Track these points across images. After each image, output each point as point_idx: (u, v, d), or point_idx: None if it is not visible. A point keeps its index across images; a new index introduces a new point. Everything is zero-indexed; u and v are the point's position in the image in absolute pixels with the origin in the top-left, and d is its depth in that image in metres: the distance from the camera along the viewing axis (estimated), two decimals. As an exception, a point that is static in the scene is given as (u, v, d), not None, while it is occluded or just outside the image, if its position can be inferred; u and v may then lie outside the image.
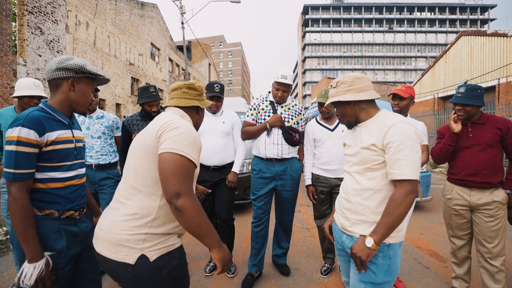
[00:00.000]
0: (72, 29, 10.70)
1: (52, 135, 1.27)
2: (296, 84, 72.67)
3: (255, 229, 2.52)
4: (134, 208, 1.10)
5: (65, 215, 1.30)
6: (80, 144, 1.44)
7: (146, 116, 2.67)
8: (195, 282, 2.51)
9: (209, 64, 33.74)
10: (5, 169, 1.21)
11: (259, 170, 2.49)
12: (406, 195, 1.18)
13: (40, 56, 9.16)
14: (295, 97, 75.72)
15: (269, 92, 2.60)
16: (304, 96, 60.24)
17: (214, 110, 2.61)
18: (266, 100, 2.56)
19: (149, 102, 2.57)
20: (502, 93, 13.73)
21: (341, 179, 2.44)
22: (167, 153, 1.07)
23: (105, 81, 1.47)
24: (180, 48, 24.40)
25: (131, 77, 15.34)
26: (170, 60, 21.72)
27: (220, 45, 71.98)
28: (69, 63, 1.31)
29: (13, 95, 2.29)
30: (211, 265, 2.72)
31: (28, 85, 2.28)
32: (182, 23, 17.06)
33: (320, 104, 2.49)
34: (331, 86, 1.42)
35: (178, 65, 23.54)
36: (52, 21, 9.71)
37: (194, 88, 1.37)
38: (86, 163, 2.56)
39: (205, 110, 2.65)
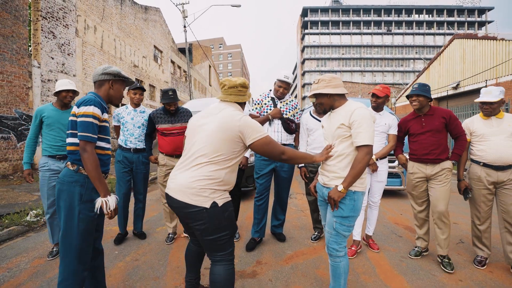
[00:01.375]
0: (82, 33, 11.27)
1: (104, 115, 1.81)
2: (296, 86, 73.28)
3: (257, 202, 3.07)
4: (209, 173, 1.61)
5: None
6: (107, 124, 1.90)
7: (167, 112, 3.19)
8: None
9: (209, 66, 34.33)
10: (83, 134, 1.67)
11: (260, 156, 3.04)
12: (365, 155, 1.72)
13: (52, 58, 9.72)
14: (294, 97, 76.21)
15: (270, 90, 3.16)
16: (303, 98, 60.81)
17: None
18: (268, 96, 3.12)
19: (168, 103, 3.09)
20: (492, 93, 14.27)
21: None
22: (260, 140, 1.68)
23: (131, 82, 2.01)
24: (181, 50, 24.97)
25: (135, 79, 15.89)
26: (172, 62, 22.28)
27: (220, 47, 72.63)
28: (111, 70, 1.86)
29: (54, 91, 2.83)
30: None
31: (64, 83, 2.83)
32: (185, 26, 17.64)
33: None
34: (314, 82, 1.95)
35: (179, 67, 24.10)
36: (63, 25, 10.27)
37: (246, 86, 1.85)
38: (127, 147, 3.20)
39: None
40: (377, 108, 2.95)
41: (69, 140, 1.76)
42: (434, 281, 2.35)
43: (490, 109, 2.52)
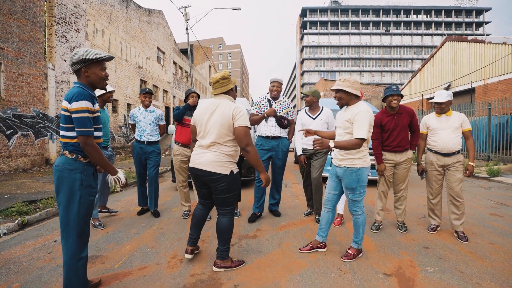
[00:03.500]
0: (91, 36, 11.95)
1: (95, 106, 1.87)
2: (295, 86, 73.90)
3: (257, 183, 3.78)
4: (225, 151, 2.32)
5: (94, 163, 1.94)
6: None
7: (189, 107, 3.93)
8: (213, 220, 3.75)
9: (210, 66, 35.03)
10: (82, 129, 1.75)
11: (260, 144, 3.76)
12: (358, 142, 2.34)
13: (65, 61, 10.40)
14: (294, 98, 77.02)
15: (268, 93, 3.86)
16: (303, 97, 61.27)
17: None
18: (265, 98, 3.82)
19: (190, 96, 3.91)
20: (480, 94, 15.00)
21: (315, 151, 3.70)
22: (240, 127, 2.26)
23: (110, 58, 1.91)
24: (182, 51, 25.65)
25: (140, 79, 16.58)
26: (174, 63, 22.96)
27: (220, 46, 73.23)
28: (77, 58, 1.80)
29: (99, 94, 3.52)
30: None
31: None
32: (187, 29, 18.31)
33: (306, 96, 3.74)
34: (340, 79, 2.51)
35: (181, 68, 24.78)
36: (74, 30, 10.95)
37: (226, 77, 2.40)
38: (141, 139, 3.94)
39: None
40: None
41: (64, 133, 1.82)
42: (393, 240, 3.06)
43: (440, 108, 3.20)
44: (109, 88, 3.53)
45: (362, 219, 2.57)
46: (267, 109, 3.76)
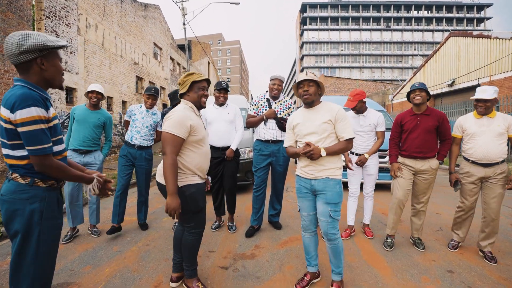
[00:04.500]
0: (83, 31, 11.48)
1: (50, 111, 1.40)
2: (295, 81, 73.20)
3: (255, 193, 3.38)
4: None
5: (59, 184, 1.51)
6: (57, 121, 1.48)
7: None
8: (206, 235, 3.37)
9: (208, 63, 34.49)
10: (34, 148, 1.32)
11: (259, 149, 3.36)
12: (349, 143, 2.08)
13: (56, 57, 9.94)
14: (293, 95, 76.45)
15: (267, 91, 3.45)
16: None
17: (222, 101, 3.44)
18: (264, 98, 3.41)
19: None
20: (486, 91, 14.58)
21: None
22: (162, 132, 2.00)
23: (62, 46, 1.43)
24: (180, 47, 25.13)
25: (136, 76, 16.11)
26: (172, 59, 22.46)
27: (219, 43, 72.51)
28: (31, 44, 1.31)
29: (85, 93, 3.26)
30: (216, 224, 3.59)
31: (92, 86, 3.25)
32: (184, 24, 17.80)
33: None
34: (307, 71, 2.21)
35: (179, 64, 24.28)
36: (65, 24, 10.48)
37: (180, 82, 2.17)
38: (132, 143, 3.42)
39: (214, 104, 3.49)
40: (358, 111, 3.25)
41: (9, 152, 1.36)
42: (410, 261, 2.68)
43: (484, 107, 2.64)
44: (93, 87, 3.16)
45: (341, 243, 2.16)
46: (266, 110, 3.36)
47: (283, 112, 3.37)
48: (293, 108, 3.52)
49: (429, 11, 61.07)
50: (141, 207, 3.59)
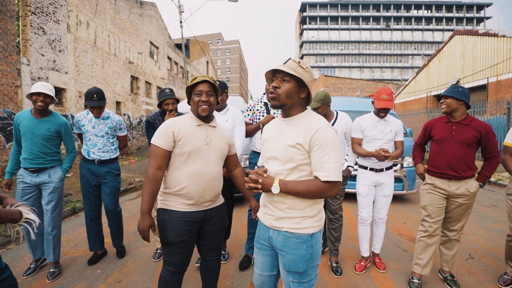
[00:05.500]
0: (73, 28, 10.92)
1: None
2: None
3: (251, 215, 2.83)
4: None
5: None
6: None
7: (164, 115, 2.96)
8: (192, 268, 2.83)
9: (207, 62, 33.92)
10: None
11: (255, 163, 2.81)
12: (329, 190, 1.27)
13: (43, 55, 9.39)
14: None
15: (264, 94, 2.90)
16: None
17: (220, 105, 2.81)
18: (261, 101, 2.86)
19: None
20: (493, 91, 14.10)
21: None
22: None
23: None
24: (178, 46, 24.58)
25: (131, 76, 15.56)
26: (169, 58, 21.91)
27: (218, 42, 71.97)
28: None
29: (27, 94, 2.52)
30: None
31: (36, 86, 2.52)
32: (181, 21, 17.28)
33: (315, 108, 2.68)
34: (292, 59, 1.37)
35: (176, 63, 23.73)
36: (54, 21, 9.93)
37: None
38: (90, 158, 2.80)
39: None
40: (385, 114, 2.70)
41: None
42: (444, 307, 2.15)
43: None
44: (38, 87, 2.51)
45: None
46: (263, 115, 2.82)
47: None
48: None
49: (429, 11, 60.76)
50: (114, 229, 3.01)
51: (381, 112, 2.61)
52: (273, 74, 1.39)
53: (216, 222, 1.86)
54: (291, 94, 1.33)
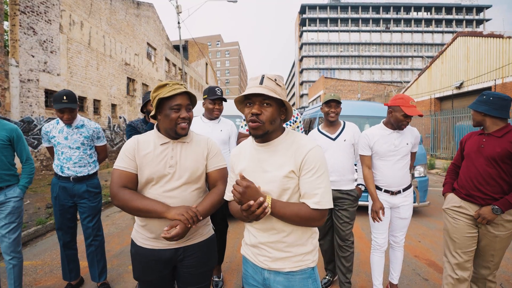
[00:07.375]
0: (66, 29, 10.55)
1: None
2: (293, 84, 72.67)
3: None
4: None
5: None
6: None
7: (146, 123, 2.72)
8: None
9: (206, 64, 33.58)
10: None
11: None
12: (319, 219, 1.12)
13: (33, 56, 9.01)
14: (292, 96, 75.69)
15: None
16: (301, 96, 60.30)
17: (216, 115, 2.54)
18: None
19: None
20: (498, 94, 13.77)
21: (341, 191, 2.40)
22: None
23: None
24: (176, 47, 24.25)
25: (127, 77, 15.18)
26: (167, 60, 21.58)
27: (217, 44, 71.79)
28: None
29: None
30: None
31: None
32: (179, 22, 16.95)
33: (327, 103, 2.44)
34: (275, 79, 1.18)
35: (175, 65, 23.41)
36: (45, 21, 9.55)
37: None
38: (64, 175, 2.40)
39: (203, 117, 2.59)
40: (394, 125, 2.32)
41: None
42: None
43: None
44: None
45: None
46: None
47: (287, 127, 2.45)
48: (299, 122, 2.61)
49: (429, 13, 60.78)
50: (93, 259, 2.54)
51: (408, 119, 2.21)
52: (247, 97, 1.16)
53: (193, 263, 1.44)
54: (274, 118, 1.16)
